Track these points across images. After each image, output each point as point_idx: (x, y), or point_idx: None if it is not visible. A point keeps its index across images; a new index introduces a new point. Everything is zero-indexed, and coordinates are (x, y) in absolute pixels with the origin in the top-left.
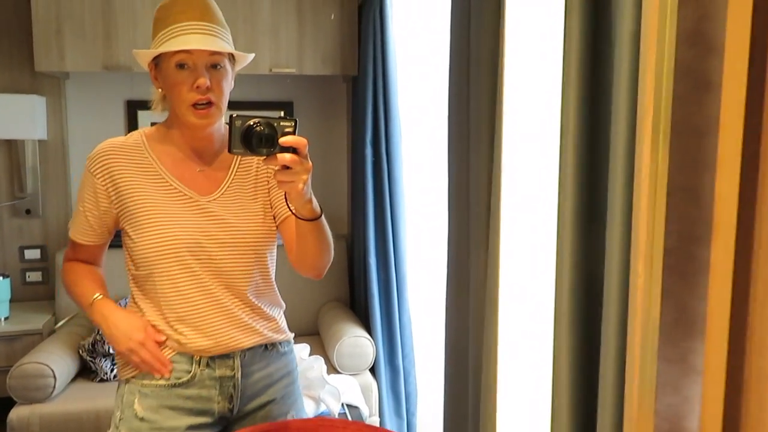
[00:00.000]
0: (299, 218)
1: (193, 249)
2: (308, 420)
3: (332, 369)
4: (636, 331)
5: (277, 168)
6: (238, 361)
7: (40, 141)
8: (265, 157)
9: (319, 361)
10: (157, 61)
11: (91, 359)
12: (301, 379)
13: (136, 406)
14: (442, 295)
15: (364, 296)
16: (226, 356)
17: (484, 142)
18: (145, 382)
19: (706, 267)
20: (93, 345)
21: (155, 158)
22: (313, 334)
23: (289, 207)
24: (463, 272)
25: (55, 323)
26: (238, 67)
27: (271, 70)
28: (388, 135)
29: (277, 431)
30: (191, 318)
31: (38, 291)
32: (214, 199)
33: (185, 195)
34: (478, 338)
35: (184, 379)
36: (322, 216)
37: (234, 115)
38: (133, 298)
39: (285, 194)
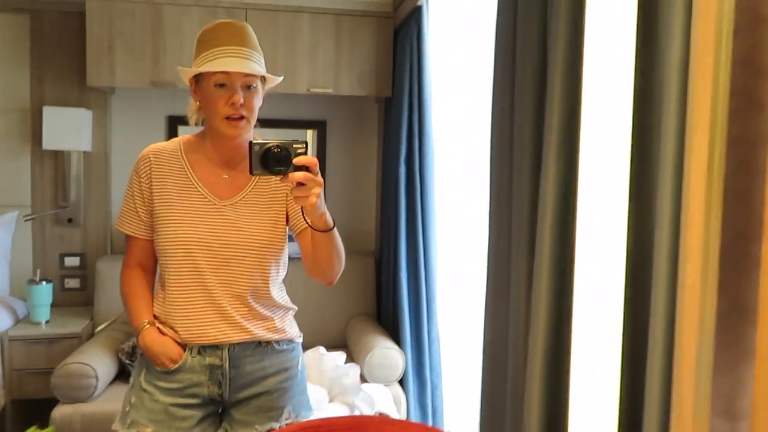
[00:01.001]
0: (314, 229)
1: (202, 247)
2: (358, 417)
3: (362, 380)
4: (692, 320)
5: (292, 185)
6: (226, 353)
7: (84, 152)
8: (281, 176)
9: (354, 369)
10: (198, 78)
11: (129, 362)
12: (336, 386)
13: (142, 379)
14: (472, 310)
15: (392, 310)
16: (215, 347)
17: (528, 151)
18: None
19: (757, 262)
20: (132, 349)
21: (187, 162)
22: (341, 346)
23: (305, 219)
24: (503, 282)
25: (94, 328)
26: (268, 87)
27: (308, 89)
28: (422, 154)
29: (325, 426)
30: (186, 308)
31: (76, 297)
32: (231, 204)
33: (205, 198)
34: (518, 348)
35: (177, 364)
36: (335, 228)
37: (253, 141)
38: (157, 282)
39: (301, 208)
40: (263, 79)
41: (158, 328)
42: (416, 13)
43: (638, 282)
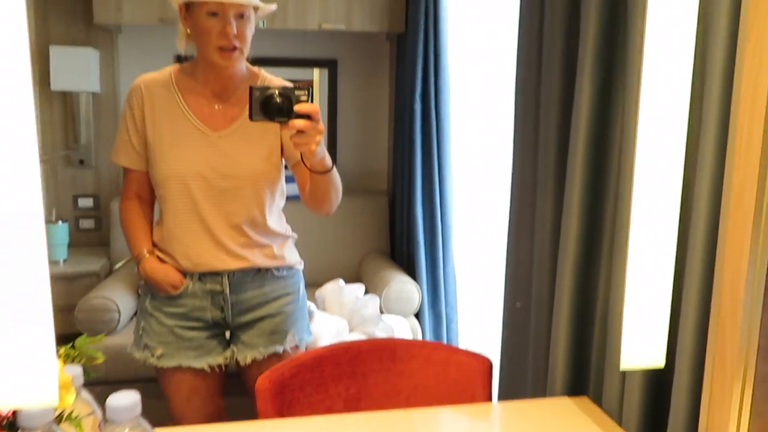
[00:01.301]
0: (314, 172)
1: (196, 178)
2: (386, 339)
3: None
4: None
5: (293, 133)
6: (226, 280)
7: (93, 94)
8: (283, 123)
9: (373, 300)
10: (189, 5)
11: None
12: (356, 317)
13: (148, 304)
14: (491, 244)
15: (407, 247)
16: (215, 274)
17: (558, 72)
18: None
19: None
20: None
21: (179, 93)
22: (356, 281)
23: (304, 164)
24: (528, 215)
25: (111, 266)
26: (260, 15)
27: (320, 25)
28: (437, 89)
29: (354, 348)
30: (183, 239)
31: (91, 237)
32: (224, 135)
33: (198, 129)
34: (543, 284)
35: (179, 290)
36: (334, 168)
37: (253, 86)
38: (159, 213)
39: (301, 153)
40: (255, 8)
41: (158, 256)
42: None
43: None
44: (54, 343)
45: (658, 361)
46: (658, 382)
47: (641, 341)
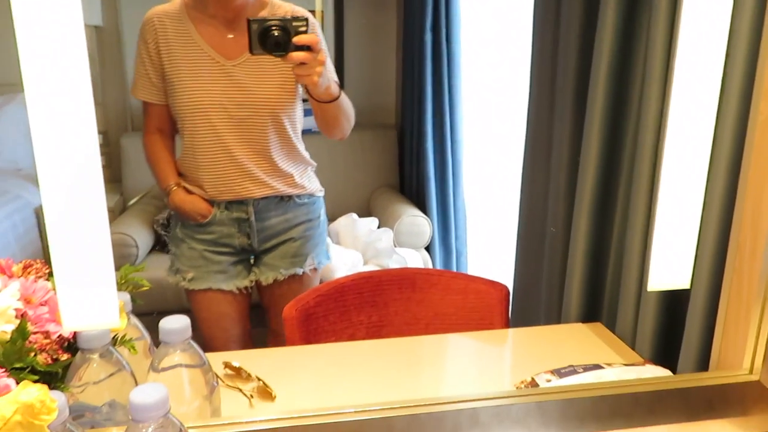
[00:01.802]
0: (318, 101)
1: (216, 108)
2: (406, 269)
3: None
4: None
5: (294, 64)
6: (251, 207)
7: (96, 28)
8: (281, 57)
9: (387, 233)
10: None
11: (165, 233)
12: (370, 250)
13: (179, 231)
14: (502, 179)
15: (416, 181)
16: (241, 202)
17: (576, 11)
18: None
19: None
20: (167, 220)
21: (191, 24)
22: (367, 216)
23: (308, 94)
24: (544, 138)
25: (124, 202)
26: None
27: None
28: (449, 19)
29: (375, 278)
30: (210, 168)
31: (104, 174)
32: (239, 64)
33: (213, 59)
34: (558, 206)
35: (208, 219)
36: (341, 95)
37: (250, 19)
38: (182, 145)
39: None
40: None
41: (185, 187)
42: None
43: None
44: (113, 271)
45: (684, 282)
46: (672, 307)
47: (668, 262)
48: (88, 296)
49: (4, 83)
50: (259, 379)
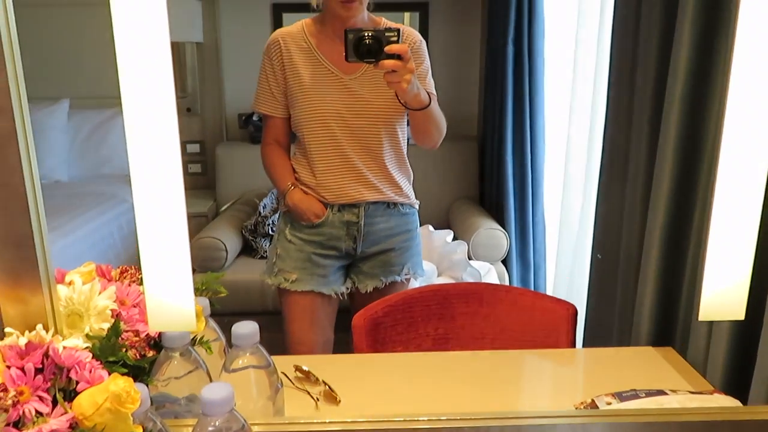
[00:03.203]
0: (409, 108)
1: (336, 118)
2: (473, 283)
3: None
4: None
5: (385, 71)
6: (362, 211)
7: (197, 44)
8: (373, 64)
9: (462, 246)
10: None
11: (252, 238)
12: (445, 261)
13: (287, 232)
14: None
15: (496, 193)
16: (353, 206)
17: (655, 29)
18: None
19: None
20: (255, 226)
21: (312, 42)
22: (445, 227)
23: (399, 101)
24: (621, 157)
25: (217, 208)
26: None
27: None
28: (531, 32)
29: (443, 291)
30: (328, 172)
31: (199, 181)
32: (355, 78)
33: (333, 73)
34: (632, 224)
35: (320, 220)
36: (431, 104)
37: (347, 29)
38: (296, 152)
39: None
40: None
41: (301, 188)
42: None
43: None
44: (192, 280)
45: (739, 313)
46: (745, 334)
47: (722, 291)
48: (170, 303)
49: (117, 96)
50: (325, 384)
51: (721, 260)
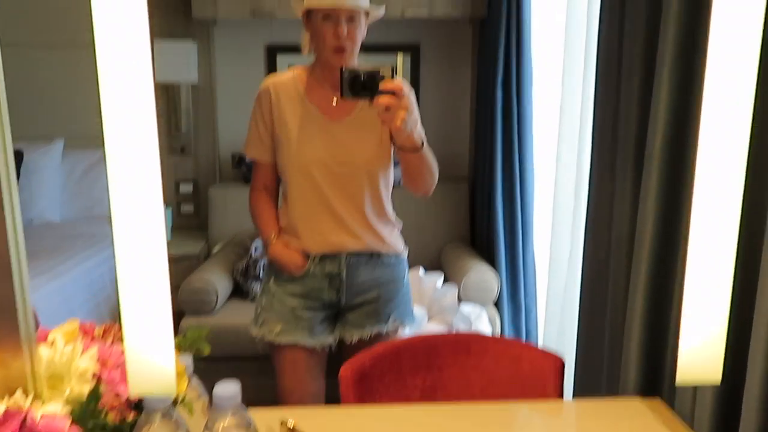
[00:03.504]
0: (404, 150)
1: (318, 165)
2: (461, 333)
3: (458, 300)
4: None
5: (379, 108)
6: (344, 262)
7: (192, 85)
8: (368, 100)
9: (452, 290)
10: (309, 11)
11: (243, 281)
12: (435, 306)
13: (271, 284)
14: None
15: (486, 235)
16: (334, 257)
17: (637, 77)
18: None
19: None
20: (246, 268)
21: (301, 90)
22: (436, 269)
23: (392, 140)
24: (606, 207)
25: (209, 249)
26: (371, 20)
27: (403, 12)
28: (519, 77)
29: (431, 341)
30: (308, 218)
31: (191, 221)
32: (341, 125)
33: (319, 120)
34: (619, 273)
35: (302, 272)
36: (424, 146)
37: (343, 68)
38: (281, 200)
39: (389, 130)
40: (366, 12)
41: (283, 240)
42: None
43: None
44: (173, 346)
45: (715, 379)
46: (732, 388)
47: (697, 357)
48: (151, 367)
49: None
50: None
51: (696, 327)
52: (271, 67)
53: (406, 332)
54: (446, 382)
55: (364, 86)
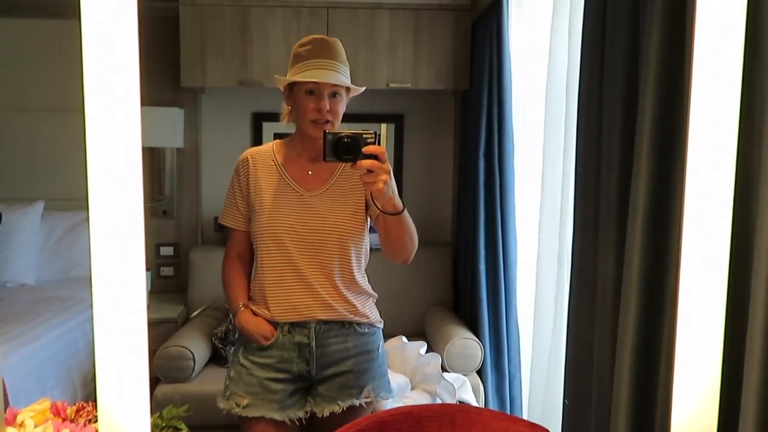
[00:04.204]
0: (383, 212)
1: (289, 231)
2: (446, 405)
3: (442, 369)
4: None
5: (362, 172)
6: (313, 331)
7: (177, 149)
8: (350, 163)
9: (435, 358)
10: (292, 85)
11: (222, 346)
12: (418, 375)
13: (240, 355)
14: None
15: (470, 301)
16: (303, 325)
17: (617, 143)
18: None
19: None
20: (225, 334)
21: (279, 161)
22: (420, 335)
23: (374, 204)
24: (590, 273)
25: (188, 313)
26: (351, 95)
27: (387, 85)
28: (501, 147)
29: (414, 413)
30: (278, 286)
31: (171, 284)
32: (316, 195)
33: (295, 190)
34: (604, 341)
35: (270, 341)
36: (404, 211)
37: (326, 131)
38: (255, 266)
39: (371, 193)
40: (347, 89)
41: (252, 310)
42: (496, 5)
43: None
44: (149, 425)
45: None
46: None
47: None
48: None
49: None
50: None
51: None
52: (257, 134)
53: (389, 404)
54: None
55: (347, 149)
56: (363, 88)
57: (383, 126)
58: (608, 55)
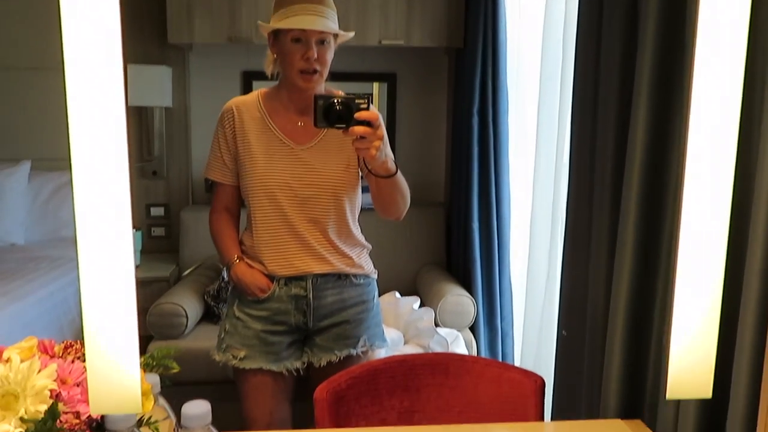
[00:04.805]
0: (375, 176)
1: (282, 187)
2: (439, 354)
3: (435, 324)
4: None
5: (354, 138)
6: (310, 284)
7: (166, 108)
8: (343, 129)
9: (428, 313)
10: (276, 33)
11: (215, 304)
12: (412, 329)
13: (235, 308)
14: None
15: (463, 260)
16: (299, 278)
17: (614, 97)
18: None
19: None
20: (217, 292)
21: (266, 112)
22: (412, 294)
23: (366, 167)
24: (584, 228)
25: (179, 272)
26: (340, 42)
27: (380, 41)
28: (495, 105)
29: (409, 362)
30: (272, 243)
31: (162, 244)
32: (307, 148)
33: (284, 143)
34: (598, 295)
35: (266, 295)
36: (397, 173)
37: (317, 95)
38: (247, 221)
39: (363, 158)
40: (335, 35)
41: (246, 262)
42: None
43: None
44: (138, 359)
45: (705, 392)
46: (714, 408)
47: (689, 370)
48: (114, 383)
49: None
50: None
51: (686, 339)
52: (247, 93)
53: (382, 354)
54: (424, 403)
55: (339, 116)
56: (352, 33)
57: (375, 85)
58: (606, 6)
